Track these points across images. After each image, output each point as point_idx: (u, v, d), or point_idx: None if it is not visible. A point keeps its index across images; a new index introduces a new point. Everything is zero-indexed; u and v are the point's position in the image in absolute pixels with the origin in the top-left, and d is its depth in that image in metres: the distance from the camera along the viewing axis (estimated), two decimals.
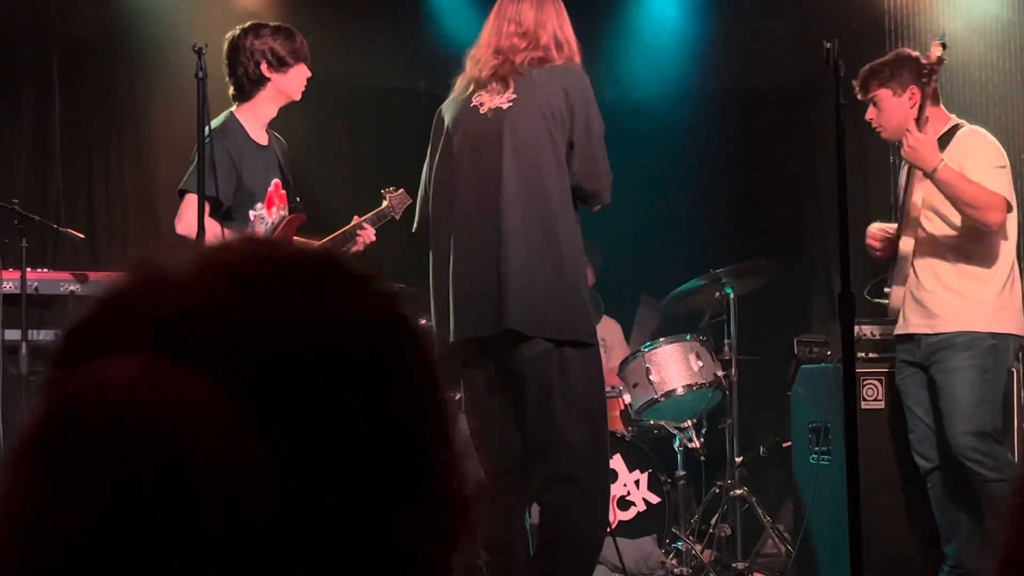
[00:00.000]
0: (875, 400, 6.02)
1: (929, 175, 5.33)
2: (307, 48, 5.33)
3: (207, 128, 4.87)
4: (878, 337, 6.18)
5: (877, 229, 5.72)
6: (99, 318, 0.83)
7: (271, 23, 5.35)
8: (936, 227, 5.49)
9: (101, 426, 0.74)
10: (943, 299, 5.46)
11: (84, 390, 0.77)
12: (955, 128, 5.51)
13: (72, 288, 5.98)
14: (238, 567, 0.74)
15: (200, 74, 4.82)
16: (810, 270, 8.31)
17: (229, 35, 5.23)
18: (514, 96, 4.73)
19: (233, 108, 5.23)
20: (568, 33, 4.84)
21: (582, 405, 4.62)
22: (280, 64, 5.21)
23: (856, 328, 4.49)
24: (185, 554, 0.73)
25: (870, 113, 5.65)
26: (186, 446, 0.73)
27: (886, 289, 5.63)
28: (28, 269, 5.60)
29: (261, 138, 5.31)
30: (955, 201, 5.37)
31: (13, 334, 5.59)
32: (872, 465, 5.47)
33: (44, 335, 5.89)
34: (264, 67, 5.19)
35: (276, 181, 5.33)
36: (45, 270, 6.03)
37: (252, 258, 0.83)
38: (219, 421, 0.75)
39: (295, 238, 5.11)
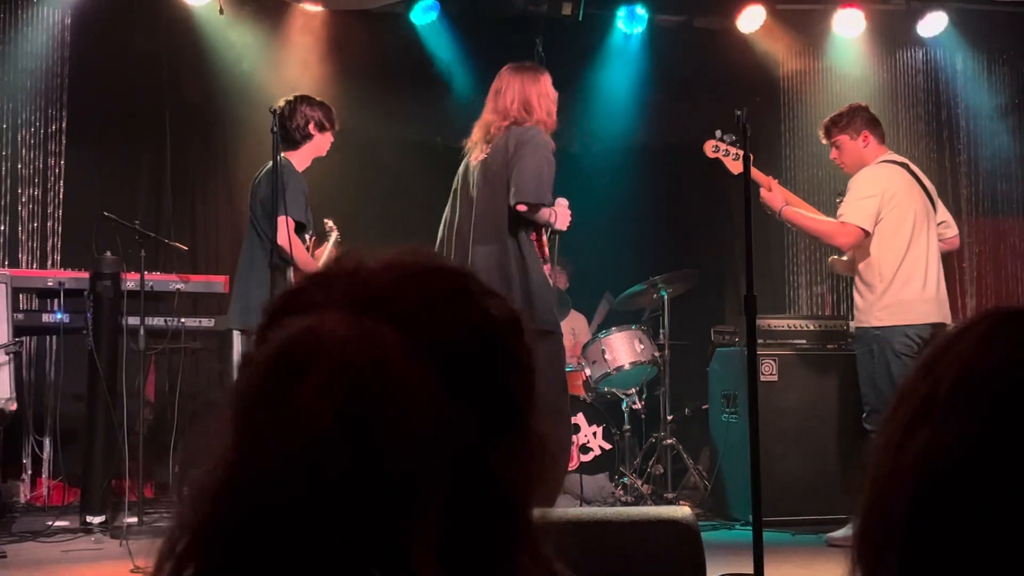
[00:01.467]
0: (771, 375, 6.01)
1: (777, 217, 5.35)
2: (335, 121, 5.32)
3: (280, 168, 4.84)
4: (773, 328, 6.18)
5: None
6: (307, 288, 0.84)
7: (316, 97, 5.31)
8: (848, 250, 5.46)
9: (326, 355, 0.74)
10: (856, 298, 5.44)
11: (306, 330, 0.77)
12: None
13: (178, 286, 5.96)
14: (432, 471, 0.74)
15: (274, 129, 4.81)
16: (723, 277, 8.29)
17: (288, 98, 5.20)
18: (488, 152, 4.74)
19: (285, 153, 5.08)
20: (534, 98, 4.77)
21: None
22: (322, 128, 5.20)
23: (758, 320, 4.47)
24: (397, 454, 0.72)
25: (833, 154, 5.57)
26: (390, 377, 0.74)
27: None
28: (145, 272, 5.57)
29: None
30: (808, 233, 5.44)
31: (134, 320, 5.57)
32: (768, 423, 5.46)
33: (157, 321, 5.88)
34: (312, 126, 5.18)
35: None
36: (158, 273, 6.02)
37: (421, 260, 0.86)
38: (415, 363, 0.76)
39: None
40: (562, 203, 4.79)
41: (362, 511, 0.71)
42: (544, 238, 4.81)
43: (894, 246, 5.28)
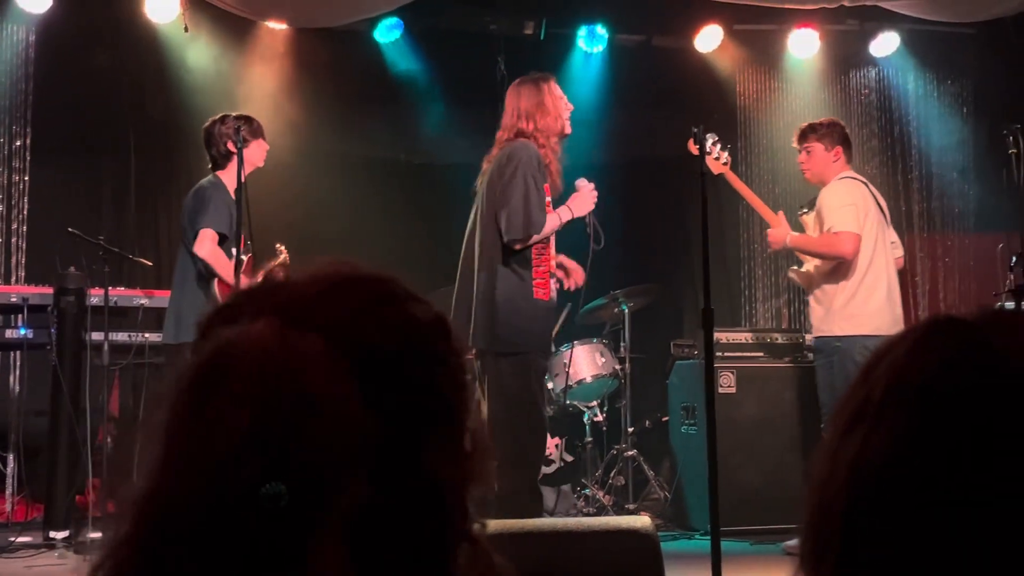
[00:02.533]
0: (728, 387, 6.06)
1: (789, 248, 5.40)
2: (263, 128, 5.30)
3: (243, 182, 4.85)
4: (731, 341, 6.22)
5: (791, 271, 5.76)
6: (235, 303, 0.85)
7: (234, 113, 5.30)
8: (810, 260, 5.50)
9: (244, 368, 0.75)
10: (814, 310, 5.47)
11: (228, 342, 0.78)
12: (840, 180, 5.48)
13: (142, 301, 5.93)
14: (348, 477, 0.75)
15: (239, 144, 4.81)
16: (682, 292, 8.34)
17: (204, 125, 5.25)
18: (489, 169, 4.76)
19: (215, 172, 5.24)
20: (533, 107, 4.78)
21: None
22: (241, 142, 5.15)
23: (715, 334, 4.50)
24: (312, 463, 0.74)
25: (801, 157, 5.58)
26: (308, 387, 0.75)
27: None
28: (109, 287, 5.54)
29: (233, 196, 5.28)
30: (812, 255, 5.43)
31: (98, 335, 5.53)
32: (726, 434, 5.50)
33: (121, 336, 5.84)
34: (230, 144, 5.17)
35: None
36: (122, 288, 5.97)
37: (345, 270, 0.87)
38: (333, 370, 0.77)
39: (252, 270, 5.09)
40: (583, 185, 4.84)
41: (273, 520, 0.72)
42: (551, 250, 4.81)
43: (859, 257, 5.31)
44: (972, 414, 0.74)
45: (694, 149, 4.98)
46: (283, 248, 5.47)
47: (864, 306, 5.26)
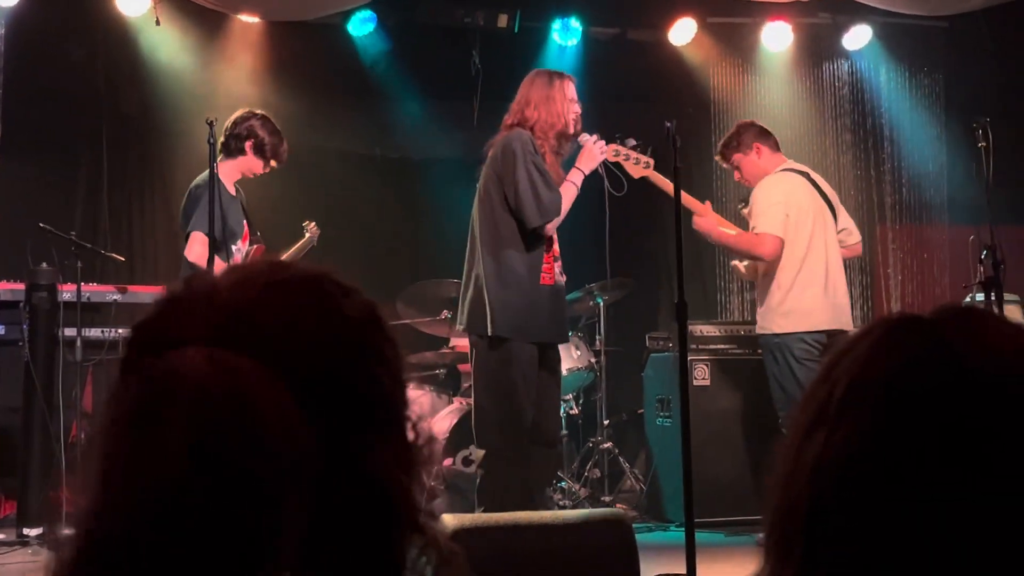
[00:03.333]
0: (703, 379, 6.09)
1: (711, 240, 5.44)
2: (286, 156, 5.29)
3: (203, 179, 4.85)
4: (705, 334, 6.25)
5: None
6: (164, 317, 0.83)
7: (274, 122, 5.29)
8: None
9: (182, 400, 0.75)
10: (757, 306, 5.52)
11: (166, 374, 0.77)
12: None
13: (115, 297, 5.89)
14: (295, 494, 0.76)
15: (211, 140, 4.79)
16: (657, 285, 8.37)
17: (245, 109, 5.21)
18: (489, 156, 4.80)
19: (217, 162, 5.15)
20: (535, 98, 4.81)
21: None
22: (258, 151, 5.18)
23: (689, 327, 4.52)
24: (254, 494, 0.74)
25: (736, 176, 5.65)
26: (249, 413, 0.75)
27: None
28: (82, 283, 5.51)
29: (231, 190, 5.28)
30: (734, 253, 5.51)
31: (71, 331, 5.50)
32: (701, 426, 5.53)
33: (93, 332, 5.81)
34: (249, 144, 5.17)
35: (244, 222, 5.32)
36: (94, 284, 5.94)
37: (274, 273, 0.86)
38: (270, 393, 0.77)
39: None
40: (587, 140, 4.86)
41: (222, 543, 0.73)
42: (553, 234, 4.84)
43: (793, 253, 5.28)
44: (934, 413, 0.75)
45: (611, 157, 5.00)
46: (312, 226, 5.52)
47: (799, 303, 5.24)
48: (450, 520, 3.77)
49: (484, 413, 4.59)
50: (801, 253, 5.29)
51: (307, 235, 5.63)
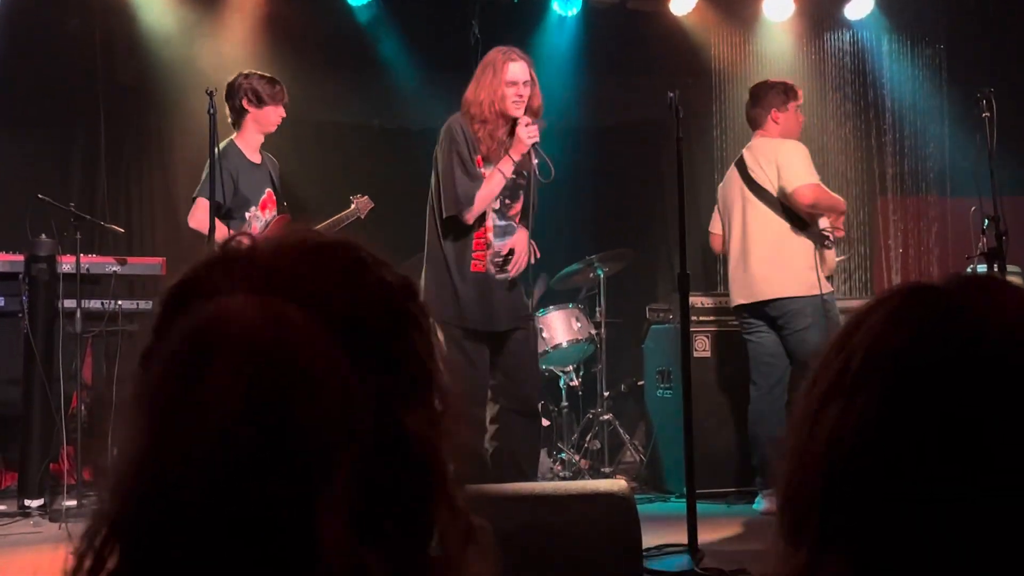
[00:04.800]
0: (704, 351, 6.10)
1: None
2: (285, 95, 5.28)
3: (216, 151, 4.84)
4: (705, 306, 6.26)
5: None
6: (206, 274, 0.83)
7: (260, 71, 5.32)
8: None
9: (232, 344, 0.75)
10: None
11: (216, 318, 0.77)
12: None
13: (114, 269, 5.89)
14: (343, 443, 0.76)
15: (211, 111, 4.78)
16: (658, 256, 8.37)
17: (229, 78, 5.22)
18: None
19: (233, 136, 5.21)
20: (475, 75, 4.88)
21: None
22: (258, 101, 5.19)
23: (691, 298, 4.52)
24: (309, 434, 0.74)
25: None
26: (298, 357, 0.75)
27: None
28: (81, 255, 5.50)
29: (255, 158, 5.27)
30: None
31: (71, 303, 5.50)
32: (701, 398, 5.54)
33: (93, 304, 5.81)
34: (245, 101, 5.17)
35: (268, 190, 5.30)
36: (94, 255, 5.94)
37: (312, 240, 0.87)
38: (320, 340, 0.77)
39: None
40: (519, 124, 4.75)
41: (273, 488, 0.73)
42: (488, 221, 4.84)
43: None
44: (950, 382, 0.75)
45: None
46: (362, 200, 5.55)
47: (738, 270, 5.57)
48: None
49: None
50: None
51: (352, 207, 5.62)
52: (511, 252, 4.86)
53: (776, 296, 5.33)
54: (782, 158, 5.34)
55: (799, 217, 5.36)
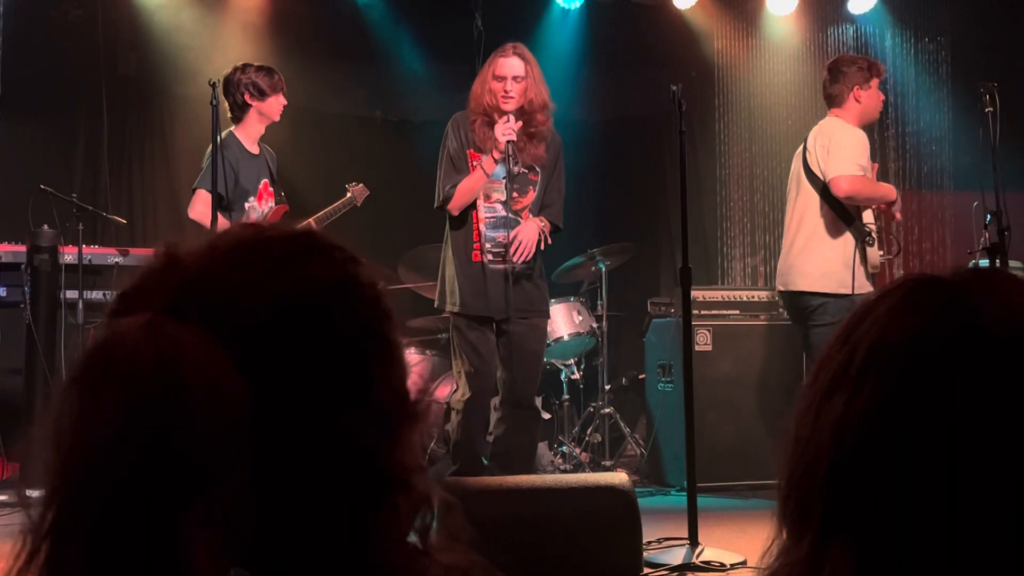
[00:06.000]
0: (705, 345, 6.09)
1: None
2: (283, 82, 5.29)
3: (218, 141, 4.84)
4: (707, 299, 6.25)
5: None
6: (134, 287, 0.85)
7: (256, 63, 5.31)
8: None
9: (116, 365, 0.76)
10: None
11: (106, 338, 0.79)
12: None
13: (116, 260, 5.89)
14: (224, 463, 0.75)
15: (213, 101, 4.78)
16: (660, 250, 8.36)
17: (225, 72, 5.20)
18: None
19: (232, 128, 5.20)
20: (475, 82, 4.99)
21: None
22: (260, 94, 5.18)
23: (692, 292, 4.51)
24: (184, 454, 0.74)
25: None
26: (178, 379, 0.75)
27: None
28: (83, 245, 5.50)
29: (253, 149, 5.28)
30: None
31: (72, 294, 5.51)
32: (702, 391, 5.54)
33: (95, 295, 5.81)
34: (247, 96, 5.17)
35: (265, 181, 5.31)
36: (96, 246, 5.94)
37: (242, 238, 0.86)
38: (205, 360, 0.77)
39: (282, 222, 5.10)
40: (500, 120, 4.81)
41: (142, 510, 0.73)
42: (477, 213, 4.94)
43: None
44: (957, 374, 0.75)
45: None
46: (357, 187, 5.57)
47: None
48: (452, 483, 3.78)
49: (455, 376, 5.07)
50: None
51: (348, 195, 5.62)
52: (512, 241, 4.88)
53: (802, 289, 5.16)
54: (832, 144, 5.12)
55: (844, 208, 5.12)
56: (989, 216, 4.84)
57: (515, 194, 4.94)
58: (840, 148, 5.10)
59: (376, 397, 0.83)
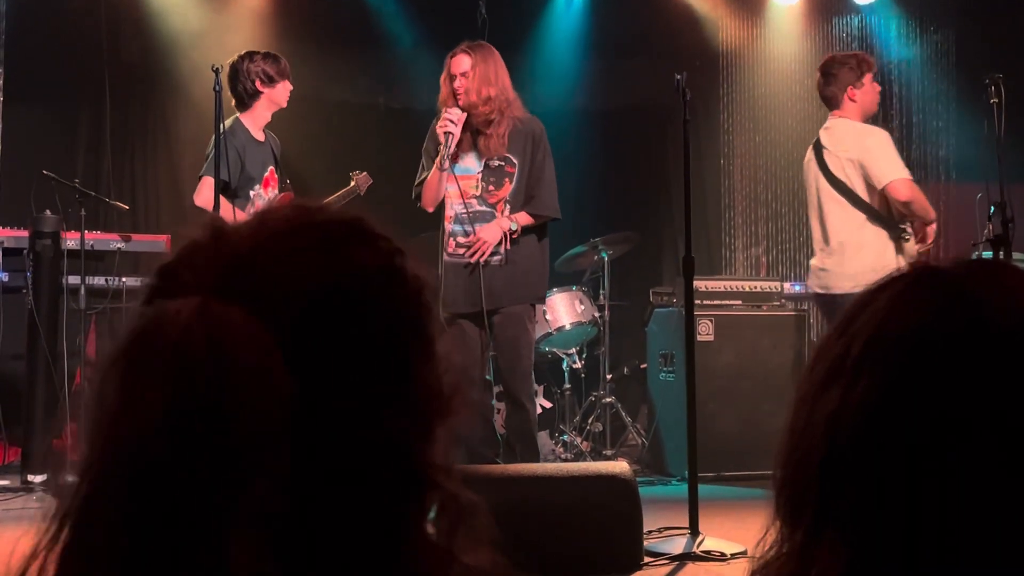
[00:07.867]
0: (707, 335, 6.09)
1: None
2: (289, 68, 5.30)
3: (222, 127, 4.83)
4: (709, 289, 6.26)
5: None
6: (176, 265, 0.82)
7: (261, 51, 5.31)
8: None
9: (163, 348, 0.74)
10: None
11: (152, 321, 0.76)
12: None
13: (119, 246, 5.90)
14: (270, 456, 0.73)
15: (217, 88, 4.78)
16: (662, 239, 8.36)
17: (229, 61, 5.19)
18: None
19: (238, 114, 5.20)
20: None
21: None
22: (269, 81, 5.19)
23: (694, 282, 4.50)
24: (231, 445, 0.72)
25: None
26: (230, 365, 0.73)
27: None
28: (86, 231, 5.51)
29: (259, 136, 5.27)
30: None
31: (75, 279, 5.51)
32: (704, 381, 5.54)
33: (97, 280, 5.82)
34: (258, 83, 5.17)
35: (271, 168, 5.30)
36: (98, 232, 5.94)
37: (293, 220, 0.83)
38: (256, 347, 0.75)
39: None
40: (443, 114, 4.93)
41: (183, 501, 0.72)
42: (445, 210, 5.03)
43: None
44: (956, 367, 0.75)
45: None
46: (360, 176, 5.58)
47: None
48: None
49: None
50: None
51: (352, 183, 5.64)
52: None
53: (846, 291, 4.93)
54: (867, 153, 5.02)
55: (873, 208, 5.02)
56: (993, 208, 4.83)
57: (491, 187, 4.97)
58: (881, 155, 5.03)
59: (414, 393, 0.81)
